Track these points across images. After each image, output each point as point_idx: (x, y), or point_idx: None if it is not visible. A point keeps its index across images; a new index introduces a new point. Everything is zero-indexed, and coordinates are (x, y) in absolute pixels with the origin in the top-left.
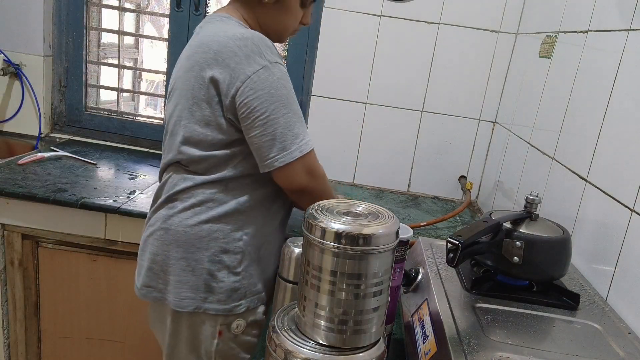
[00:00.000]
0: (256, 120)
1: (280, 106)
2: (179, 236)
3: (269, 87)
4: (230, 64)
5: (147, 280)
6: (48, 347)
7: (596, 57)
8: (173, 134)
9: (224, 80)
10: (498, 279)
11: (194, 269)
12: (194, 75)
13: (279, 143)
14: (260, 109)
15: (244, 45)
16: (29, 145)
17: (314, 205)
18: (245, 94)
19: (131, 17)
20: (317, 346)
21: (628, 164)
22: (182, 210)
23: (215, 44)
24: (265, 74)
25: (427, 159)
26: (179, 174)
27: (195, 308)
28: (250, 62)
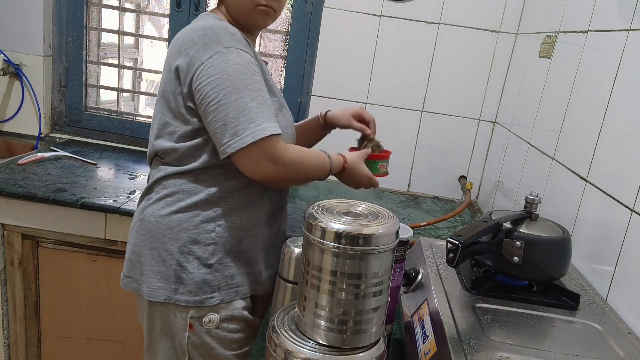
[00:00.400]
0: (208, 106)
1: (233, 90)
2: (151, 226)
3: (222, 72)
4: (190, 52)
5: (127, 270)
6: (48, 347)
7: (596, 57)
8: (152, 127)
9: (182, 69)
10: (498, 279)
11: (164, 260)
12: (166, 70)
13: (230, 129)
14: (212, 94)
15: (203, 35)
16: (29, 145)
17: (313, 205)
18: (199, 80)
19: (131, 17)
20: (317, 346)
21: (628, 164)
22: (155, 201)
23: (181, 37)
24: (220, 59)
25: (427, 159)
26: (156, 166)
27: (166, 298)
28: (207, 49)
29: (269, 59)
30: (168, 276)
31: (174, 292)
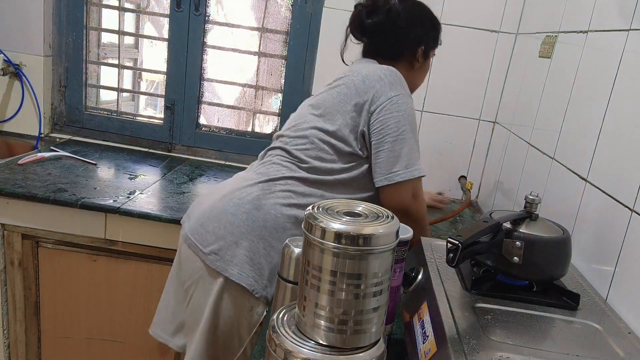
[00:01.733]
0: (388, 136)
1: (410, 130)
2: (269, 218)
3: (404, 111)
4: (376, 85)
5: (216, 247)
6: (48, 347)
7: (596, 57)
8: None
9: (366, 99)
10: (498, 279)
11: (268, 254)
12: (343, 90)
13: (403, 160)
14: (395, 127)
15: (389, 74)
16: (29, 145)
17: (313, 205)
18: (384, 112)
19: (131, 17)
20: (317, 346)
21: (628, 164)
22: (277, 196)
23: (362, 70)
24: (403, 100)
25: (427, 159)
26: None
27: (254, 290)
28: (393, 87)
29: (269, 59)
30: (263, 271)
31: (263, 289)
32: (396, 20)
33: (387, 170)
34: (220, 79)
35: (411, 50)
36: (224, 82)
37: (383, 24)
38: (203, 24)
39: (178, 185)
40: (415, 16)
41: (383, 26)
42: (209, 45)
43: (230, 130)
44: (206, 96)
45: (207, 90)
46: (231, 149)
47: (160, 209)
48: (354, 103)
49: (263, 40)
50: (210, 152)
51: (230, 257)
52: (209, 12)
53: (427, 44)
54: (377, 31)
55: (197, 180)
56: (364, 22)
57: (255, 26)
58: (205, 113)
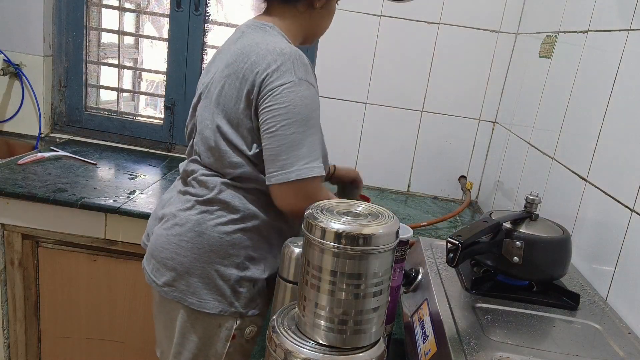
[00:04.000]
0: (265, 132)
1: (293, 123)
2: (213, 241)
3: (288, 103)
4: (262, 74)
5: (170, 279)
6: (48, 347)
7: (596, 57)
8: (199, 130)
9: (252, 89)
10: (498, 279)
11: (223, 275)
12: (232, 79)
13: (279, 160)
14: (272, 122)
15: (279, 59)
16: (29, 145)
17: (313, 205)
18: (264, 105)
19: (131, 17)
20: (317, 346)
21: (628, 164)
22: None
23: (254, 55)
24: (290, 89)
25: (427, 159)
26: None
27: (221, 311)
28: (278, 76)
29: None
30: (223, 290)
31: (229, 305)
32: None
33: (267, 169)
34: None
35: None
36: None
37: None
38: (203, 24)
39: None
40: None
41: None
42: (209, 45)
43: None
44: None
45: None
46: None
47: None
48: (243, 97)
49: None
50: None
51: (186, 287)
52: (209, 12)
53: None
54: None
55: None
56: None
57: None
58: None
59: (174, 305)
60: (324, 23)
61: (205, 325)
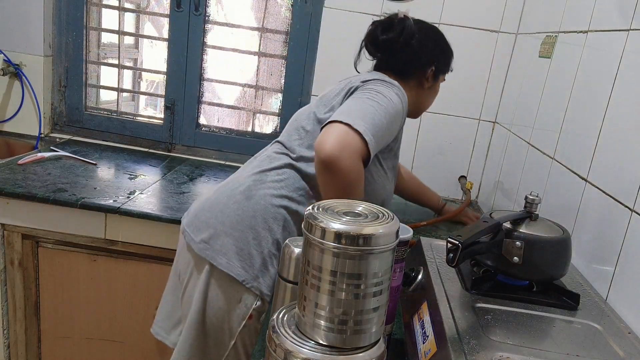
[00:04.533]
0: (353, 95)
1: (375, 102)
2: (259, 207)
3: (381, 91)
4: (366, 78)
5: (206, 236)
6: (48, 347)
7: (596, 57)
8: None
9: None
10: (498, 279)
11: (260, 244)
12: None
13: (344, 111)
14: (358, 94)
15: (385, 78)
16: (29, 145)
17: (313, 205)
18: (359, 88)
19: (131, 17)
20: (317, 346)
21: (628, 164)
22: (269, 187)
23: (364, 75)
24: (387, 87)
25: (427, 159)
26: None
27: (244, 281)
28: (383, 82)
29: (269, 59)
30: (253, 261)
31: (254, 279)
32: (409, 40)
33: (332, 115)
34: (220, 79)
35: (421, 70)
36: (224, 82)
37: (396, 42)
38: (203, 24)
39: (178, 185)
40: (428, 38)
41: (396, 44)
42: (209, 45)
43: (230, 130)
44: (206, 96)
45: (207, 90)
46: (231, 149)
47: (160, 209)
48: (347, 89)
49: (263, 40)
50: (210, 152)
51: (220, 247)
52: (209, 12)
53: (437, 66)
54: (390, 48)
55: (197, 180)
56: (378, 37)
57: (255, 26)
58: (205, 113)
59: (203, 264)
60: (429, 100)
61: (226, 292)
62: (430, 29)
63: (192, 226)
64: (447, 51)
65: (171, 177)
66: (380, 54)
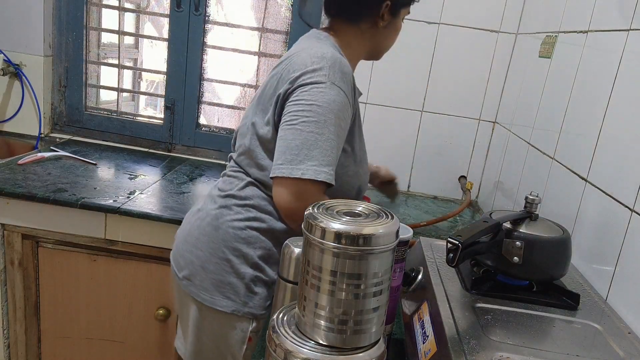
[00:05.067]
0: (284, 124)
1: (313, 122)
2: (227, 237)
3: (313, 101)
4: (297, 72)
5: (187, 272)
6: (48, 347)
7: (596, 57)
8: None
9: (287, 89)
10: (498, 279)
11: (237, 272)
12: (272, 82)
13: (289, 154)
14: (294, 116)
15: (316, 61)
16: (29, 145)
17: (313, 205)
18: (292, 99)
19: (131, 17)
20: (317, 346)
21: (628, 164)
22: (235, 212)
23: (296, 58)
24: (318, 89)
25: (427, 159)
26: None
27: (234, 311)
28: (311, 76)
29: (269, 59)
30: (237, 289)
31: (243, 305)
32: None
33: (275, 160)
34: (220, 79)
35: (374, 7)
36: (224, 82)
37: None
38: (203, 24)
39: (178, 185)
40: None
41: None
42: (209, 45)
43: (230, 130)
44: (206, 96)
45: (207, 90)
46: (231, 149)
47: (160, 209)
48: (277, 94)
49: (263, 40)
50: (210, 152)
51: (200, 282)
52: (209, 12)
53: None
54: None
55: (197, 180)
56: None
57: (255, 26)
58: (205, 113)
59: (190, 300)
60: (389, 40)
61: (218, 324)
62: None
63: (175, 260)
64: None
65: (171, 177)
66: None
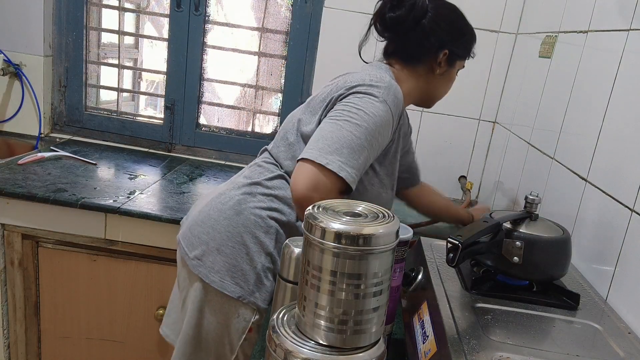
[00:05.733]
0: (328, 117)
1: (355, 125)
2: (248, 223)
3: (363, 108)
4: (354, 83)
5: (199, 252)
6: (48, 347)
7: (596, 57)
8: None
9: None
10: (498, 279)
11: (251, 259)
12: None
13: (322, 143)
14: (340, 113)
15: (375, 80)
16: (29, 145)
17: (313, 205)
18: (345, 99)
19: (131, 17)
20: (317, 346)
21: (628, 164)
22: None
23: (355, 75)
24: (370, 100)
25: (427, 159)
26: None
27: (240, 297)
28: (369, 89)
29: (269, 59)
30: (247, 276)
31: (250, 294)
32: (420, 18)
33: (307, 145)
34: (220, 79)
35: (432, 54)
36: (224, 82)
37: (405, 20)
38: (203, 24)
39: (178, 185)
40: (442, 17)
41: (405, 22)
42: (209, 45)
43: (230, 130)
44: (206, 96)
45: (207, 90)
46: (231, 149)
47: (160, 209)
48: (330, 97)
49: (263, 40)
50: (210, 152)
51: (212, 264)
52: (209, 12)
53: (452, 49)
54: (398, 27)
55: (197, 180)
56: (385, 15)
57: (255, 26)
58: (205, 113)
59: (196, 281)
60: (442, 89)
61: (223, 309)
62: (445, 6)
63: (186, 240)
64: (465, 33)
65: (171, 177)
66: (387, 34)
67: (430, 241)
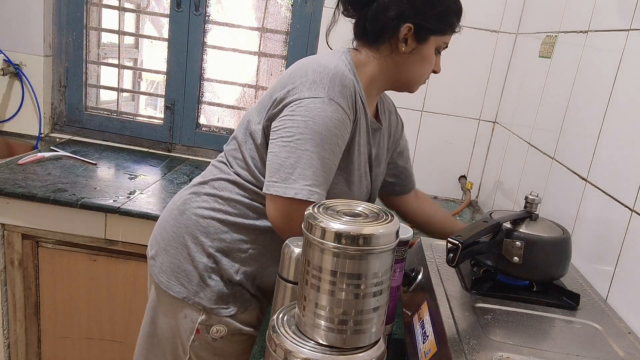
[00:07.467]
0: (278, 140)
1: (309, 140)
2: (190, 222)
3: (309, 117)
4: (296, 81)
5: (154, 252)
6: (48, 347)
7: (596, 57)
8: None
9: (280, 97)
10: (498, 279)
11: (193, 260)
12: (271, 87)
13: (283, 172)
14: (288, 131)
15: (317, 74)
16: (29, 145)
17: (313, 205)
18: (287, 112)
19: (131, 17)
20: (317, 346)
21: (628, 164)
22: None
23: (301, 66)
24: (315, 104)
25: (427, 159)
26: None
27: (184, 298)
28: (310, 89)
29: (269, 59)
30: (190, 277)
31: (194, 295)
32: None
33: (268, 176)
34: (220, 79)
35: (393, 28)
36: (224, 82)
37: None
38: (203, 24)
39: (178, 185)
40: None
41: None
42: (209, 45)
43: (230, 130)
44: (206, 96)
45: (207, 90)
46: None
47: (160, 209)
48: (274, 97)
49: (263, 40)
50: (210, 152)
51: (160, 264)
52: (209, 12)
53: (418, 22)
54: (356, 1)
55: None
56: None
57: (255, 26)
58: (205, 113)
59: (152, 281)
60: (416, 70)
61: (171, 308)
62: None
63: (150, 239)
64: (436, 4)
65: (171, 177)
66: (350, 13)
67: (430, 241)
